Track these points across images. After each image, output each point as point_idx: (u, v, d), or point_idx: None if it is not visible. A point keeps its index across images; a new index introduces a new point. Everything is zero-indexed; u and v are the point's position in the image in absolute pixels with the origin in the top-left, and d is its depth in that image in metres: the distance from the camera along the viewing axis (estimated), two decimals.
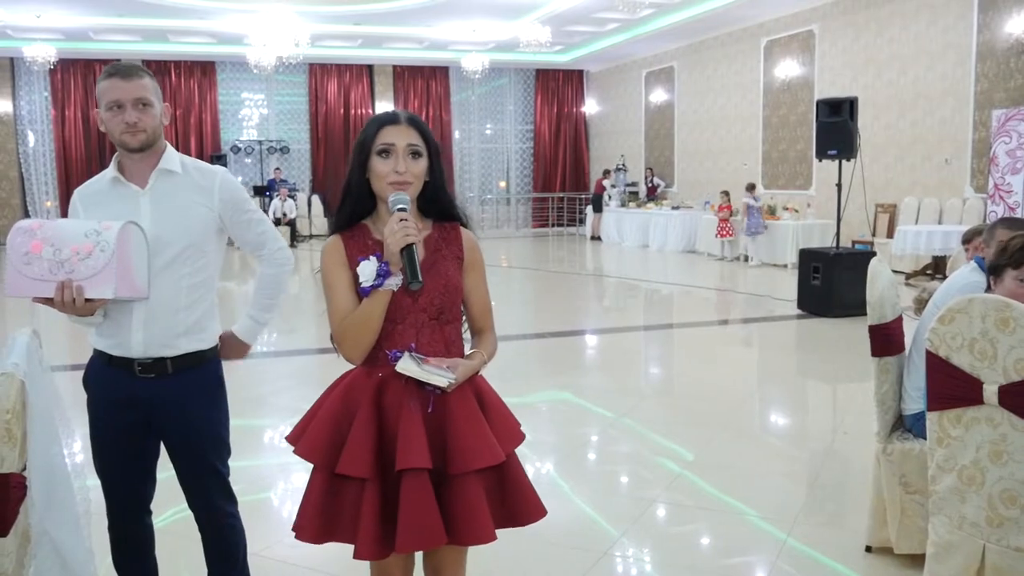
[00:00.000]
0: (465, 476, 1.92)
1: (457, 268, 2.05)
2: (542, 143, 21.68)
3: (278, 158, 19.79)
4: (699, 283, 11.74)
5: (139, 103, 2.29)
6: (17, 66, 18.08)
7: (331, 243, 2.02)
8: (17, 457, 1.86)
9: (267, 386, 6.30)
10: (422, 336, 1.98)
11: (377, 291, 1.91)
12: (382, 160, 1.96)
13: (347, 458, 1.91)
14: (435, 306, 1.99)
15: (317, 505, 1.97)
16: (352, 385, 2.01)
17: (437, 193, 2.05)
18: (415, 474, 1.88)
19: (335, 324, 1.98)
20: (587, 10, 14.69)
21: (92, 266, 2.13)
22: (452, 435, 1.93)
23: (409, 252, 1.88)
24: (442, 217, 2.08)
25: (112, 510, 2.48)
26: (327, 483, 1.97)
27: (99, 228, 2.16)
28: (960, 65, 11.09)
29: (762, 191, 14.95)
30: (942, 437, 2.52)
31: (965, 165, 11.11)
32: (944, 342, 2.49)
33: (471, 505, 1.92)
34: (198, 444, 2.45)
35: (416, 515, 1.87)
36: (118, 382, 2.37)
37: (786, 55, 14.43)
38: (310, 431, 2.01)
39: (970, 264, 3.33)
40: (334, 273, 1.99)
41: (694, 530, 3.65)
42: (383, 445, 1.93)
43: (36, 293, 2.16)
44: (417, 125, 2.00)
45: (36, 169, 18.80)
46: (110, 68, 2.33)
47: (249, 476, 4.27)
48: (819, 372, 6.80)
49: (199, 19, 15.39)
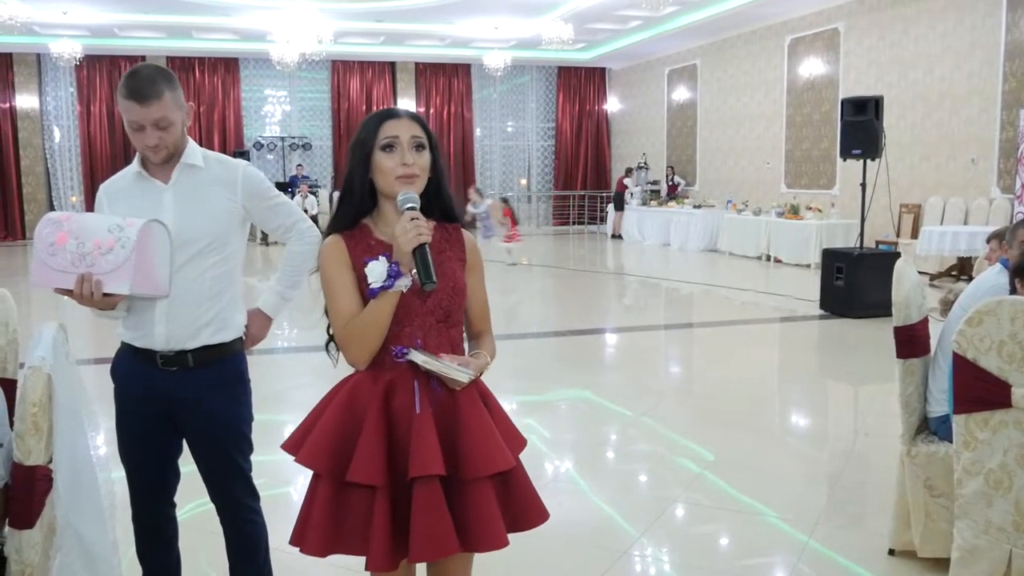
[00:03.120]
0: (477, 481, 1.87)
1: (462, 270, 2.01)
2: (564, 141, 21.63)
3: (300, 154, 19.88)
4: (720, 282, 11.68)
5: (159, 123, 2.27)
6: (43, 62, 18.26)
7: (331, 243, 1.96)
8: (43, 450, 1.88)
9: (288, 381, 6.33)
10: (429, 338, 1.93)
11: (386, 292, 1.86)
12: (387, 155, 1.91)
13: (358, 465, 1.83)
14: (443, 308, 1.95)
15: (324, 516, 1.88)
16: (356, 390, 1.94)
17: (440, 190, 2.01)
18: (427, 481, 1.82)
19: (339, 327, 1.93)
20: (610, 7, 14.64)
21: (112, 261, 2.15)
22: (464, 440, 1.88)
23: (422, 252, 1.83)
24: (444, 217, 2.03)
25: (135, 500, 2.52)
26: (333, 492, 1.89)
27: (122, 224, 2.18)
28: (988, 64, 10.95)
29: (784, 190, 14.87)
30: (968, 440, 2.49)
31: (992, 165, 10.98)
32: (972, 344, 2.46)
33: (484, 511, 1.87)
34: (218, 440, 2.46)
35: (429, 524, 1.81)
36: (142, 374, 2.40)
37: (810, 53, 14.32)
38: (313, 438, 1.92)
39: (996, 266, 3.29)
40: (336, 275, 1.94)
41: (714, 530, 3.63)
42: (393, 451, 1.87)
43: (57, 284, 2.18)
44: (417, 119, 1.97)
45: (62, 164, 18.99)
46: (126, 85, 2.25)
47: (271, 471, 4.28)
48: (841, 373, 6.75)
49: (223, 16, 15.49)
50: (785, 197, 14.58)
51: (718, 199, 16.22)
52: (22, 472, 1.86)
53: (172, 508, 2.59)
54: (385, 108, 2.00)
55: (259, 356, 7.05)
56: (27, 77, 18.45)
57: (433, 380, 1.91)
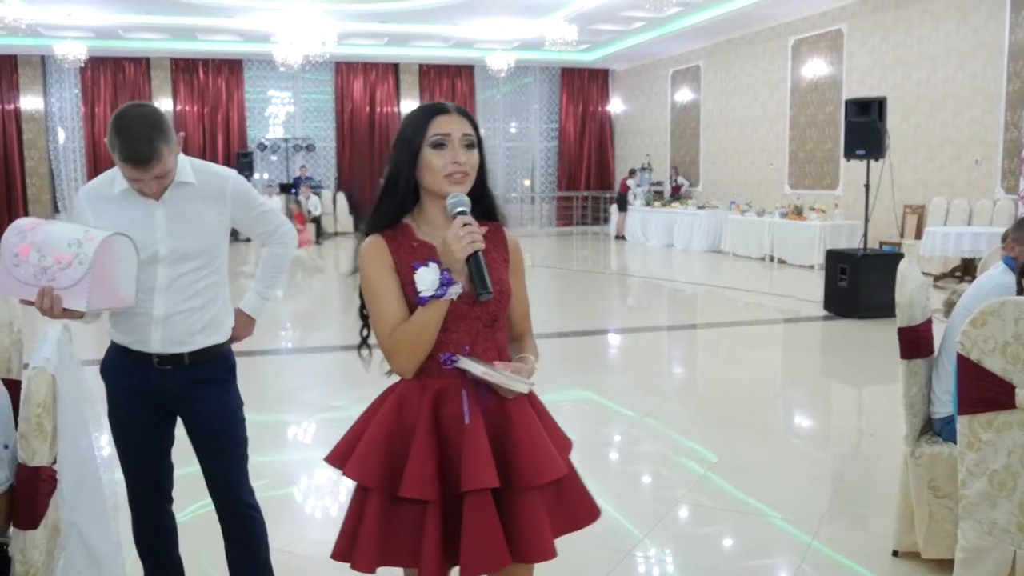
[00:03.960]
0: (528, 491, 1.81)
1: (506, 271, 1.94)
2: (567, 142, 21.63)
3: (304, 156, 19.90)
4: (724, 283, 11.67)
5: (158, 176, 2.27)
6: (48, 64, 18.30)
7: (373, 245, 1.86)
8: (48, 450, 1.88)
9: (292, 382, 6.34)
10: (477, 344, 1.86)
11: (437, 301, 1.77)
12: (437, 152, 1.81)
13: (410, 480, 1.76)
14: (490, 313, 1.87)
15: (374, 531, 1.80)
16: (404, 400, 1.85)
17: (484, 189, 1.93)
18: (479, 493, 1.76)
19: (384, 334, 1.83)
20: (613, 8, 14.64)
21: (70, 277, 2.16)
22: (516, 449, 1.82)
23: (477, 261, 1.74)
24: (486, 216, 1.95)
25: (134, 495, 2.55)
26: (383, 506, 1.81)
27: (81, 239, 2.18)
28: (991, 65, 10.94)
29: (788, 191, 14.86)
30: (973, 441, 2.49)
31: (996, 166, 10.96)
32: (976, 345, 2.45)
33: (535, 522, 1.81)
34: (219, 431, 2.51)
35: (481, 538, 1.75)
36: (136, 372, 2.44)
37: (814, 54, 14.31)
38: (361, 450, 1.83)
39: (999, 265, 3.27)
40: (380, 279, 1.84)
41: (718, 531, 3.63)
42: (443, 462, 1.81)
43: (21, 295, 2.21)
44: (467, 115, 1.88)
45: (66, 166, 19.04)
46: (123, 149, 2.18)
47: (273, 471, 4.29)
48: (845, 374, 6.74)
49: (227, 17, 15.51)
50: (789, 198, 14.57)
51: (721, 200, 16.21)
52: (26, 473, 1.86)
53: (170, 503, 2.62)
54: (433, 102, 1.89)
55: (262, 357, 7.06)
56: (32, 79, 18.49)
57: (482, 388, 1.84)
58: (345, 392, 6.12)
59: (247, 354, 6.72)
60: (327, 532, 3.58)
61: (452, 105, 1.88)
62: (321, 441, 4.97)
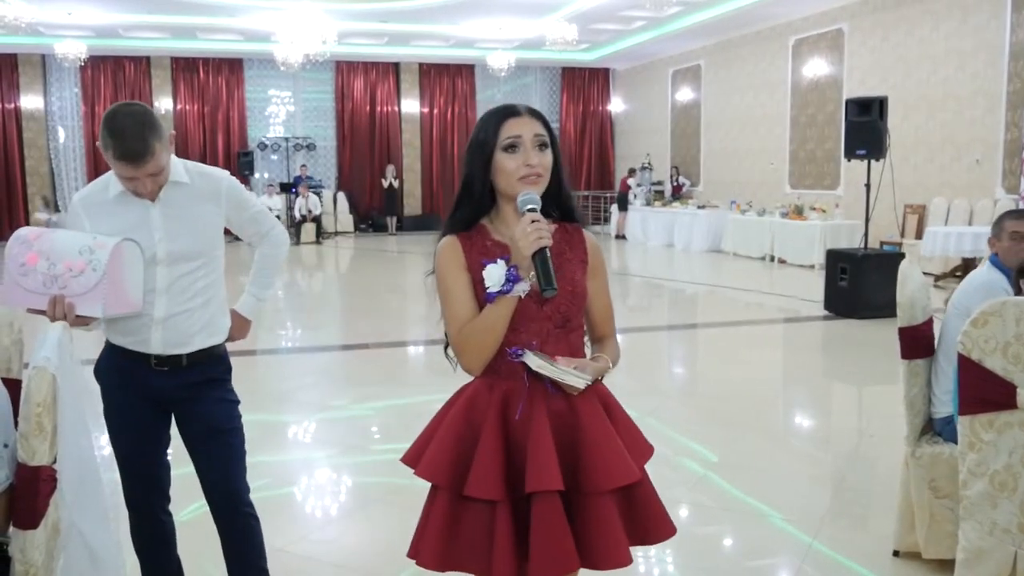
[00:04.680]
0: (598, 495, 1.79)
1: (583, 273, 1.91)
2: (567, 141, 21.61)
3: (304, 155, 19.90)
4: (724, 283, 11.67)
5: (153, 174, 2.27)
6: (48, 63, 18.29)
7: (447, 245, 1.87)
8: (48, 450, 1.88)
9: (292, 382, 6.33)
10: (547, 345, 1.84)
11: (504, 297, 1.77)
12: (509, 155, 1.82)
13: (476, 479, 1.77)
14: (561, 313, 1.85)
15: (440, 529, 1.82)
16: (474, 400, 1.87)
17: (560, 189, 1.91)
18: (547, 495, 1.75)
19: (454, 332, 1.85)
20: (614, 8, 14.63)
21: (84, 284, 2.17)
22: (586, 452, 1.80)
23: (543, 257, 1.74)
24: (564, 217, 1.94)
25: (129, 495, 2.54)
26: (451, 505, 1.83)
27: (93, 246, 2.19)
28: (992, 65, 10.93)
29: (788, 191, 14.85)
30: (974, 442, 2.49)
31: (996, 166, 10.96)
32: (977, 345, 2.45)
33: (606, 526, 1.79)
34: (218, 431, 2.51)
35: (551, 541, 1.74)
36: (132, 371, 2.44)
37: (814, 54, 14.30)
38: (432, 450, 1.86)
39: (985, 263, 3.29)
40: (452, 277, 1.84)
41: (718, 532, 3.63)
42: (511, 462, 1.80)
43: (30, 304, 2.21)
44: (539, 116, 1.87)
45: (66, 165, 19.03)
46: (117, 148, 2.19)
47: (273, 471, 4.29)
48: (845, 374, 6.74)
49: (227, 16, 15.50)
50: (789, 198, 14.56)
51: (722, 200, 16.19)
52: (27, 472, 1.86)
53: (167, 501, 2.62)
54: (504, 105, 1.88)
55: (263, 357, 7.06)
56: (32, 77, 18.49)
57: (551, 388, 1.83)
58: (345, 392, 6.12)
59: (247, 354, 6.72)
60: (327, 532, 3.59)
61: (523, 106, 1.87)
62: (321, 441, 4.97)
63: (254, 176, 19.38)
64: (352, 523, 3.74)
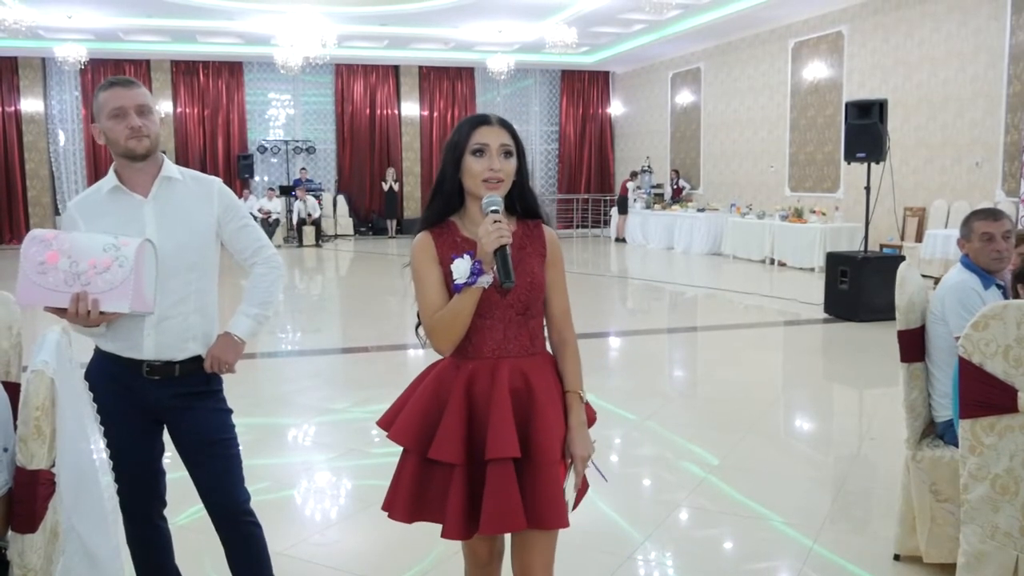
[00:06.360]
0: (549, 464, 2.04)
1: (541, 265, 2.15)
2: (567, 144, 21.63)
3: (304, 158, 19.91)
4: (724, 286, 11.66)
5: (141, 109, 2.35)
6: (48, 66, 18.30)
7: (421, 239, 2.12)
8: (46, 454, 1.87)
9: (291, 385, 6.33)
10: (509, 331, 2.10)
11: (469, 288, 2.00)
12: (476, 159, 2.06)
13: (439, 444, 2.03)
14: (521, 302, 2.10)
15: (408, 487, 2.10)
16: (441, 376, 2.14)
17: (523, 191, 2.16)
18: (501, 462, 2.00)
19: (426, 318, 2.10)
20: (613, 11, 14.64)
21: (109, 280, 2.17)
22: (538, 428, 2.05)
23: (503, 253, 1.97)
24: (526, 214, 2.18)
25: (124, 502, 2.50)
26: (418, 466, 2.09)
27: (117, 243, 2.20)
28: (992, 67, 10.94)
29: (788, 193, 14.86)
30: (975, 445, 2.48)
31: (996, 168, 10.96)
32: (978, 348, 2.45)
33: (552, 491, 2.03)
34: (215, 442, 2.49)
35: (500, 500, 1.99)
36: (123, 379, 2.42)
37: (814, 57, 14.31)
38: (402, 417, 2.13)
39: (957, 265, 3.32)
40: (425, 269, 2.10)
41: (718, 535, 3.62)
42: (472, 432, 2.05)
43: (50, 303, 2.19)
44: (507, 126, 2.12)
45: (66, 168, 19.03)
46: (108, 80, 2.39)
47: (273, 474, 4.28)
48: (846, 377, 6.73)
49: (227, 20, 15.51)
50: (789, 200, 14.56)
51: (722, 202, 16.20)
52: (25, 476, 1.85)
53: (163, 506, 2.60)
54: (479, 114, 2.16)
55: (262, 360, 7.05)
56: (32, 81, 18.49)
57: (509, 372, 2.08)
58: (345, 395, 6.11)
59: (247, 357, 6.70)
60: (328, 535, 3.58)
61: (495, 117, 2.14)
62: (321, 444, 4.96)
63: (254, 179, 19.39)
64: (352, 526, 3.73)
